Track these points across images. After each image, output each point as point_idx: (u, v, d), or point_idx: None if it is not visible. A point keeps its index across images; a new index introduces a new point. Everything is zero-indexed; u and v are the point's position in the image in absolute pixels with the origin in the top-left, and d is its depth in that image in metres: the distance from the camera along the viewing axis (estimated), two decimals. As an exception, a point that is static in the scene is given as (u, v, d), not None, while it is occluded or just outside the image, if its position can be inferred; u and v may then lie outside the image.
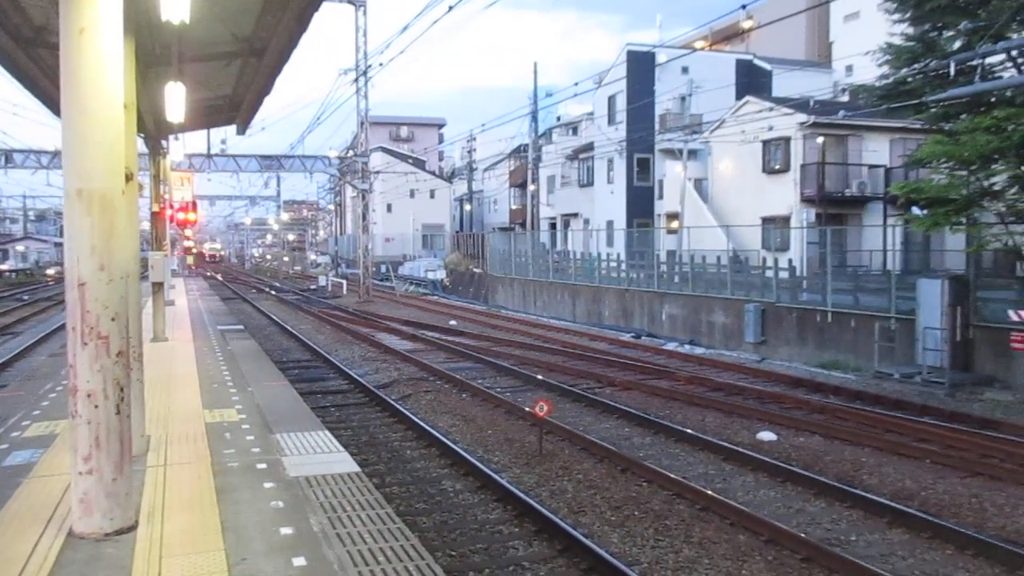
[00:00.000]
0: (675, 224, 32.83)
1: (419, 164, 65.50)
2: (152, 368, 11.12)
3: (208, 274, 61.36)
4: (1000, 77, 15.78)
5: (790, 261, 22.81)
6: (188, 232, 45.82)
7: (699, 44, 39.56)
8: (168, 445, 6.90)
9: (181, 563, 4.30)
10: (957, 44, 16.50)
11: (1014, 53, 15.57)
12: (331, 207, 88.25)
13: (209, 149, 38.07)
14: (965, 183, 16.19)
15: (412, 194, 62.41)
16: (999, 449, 10.41)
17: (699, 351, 20.87)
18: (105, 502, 4.55)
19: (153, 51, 8.69)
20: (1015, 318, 14.50)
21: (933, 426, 11.71)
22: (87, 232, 4.48)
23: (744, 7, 17.51)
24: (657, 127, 37.29)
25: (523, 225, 47.75)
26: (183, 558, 4.37)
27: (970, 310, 15.45)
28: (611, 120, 40.04)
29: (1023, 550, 7.12)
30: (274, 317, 28.09)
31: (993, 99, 15.76)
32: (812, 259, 23.61)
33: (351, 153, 43.18)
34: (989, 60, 15.59)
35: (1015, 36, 15.54)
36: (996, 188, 16.21)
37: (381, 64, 59.14)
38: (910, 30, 17.65)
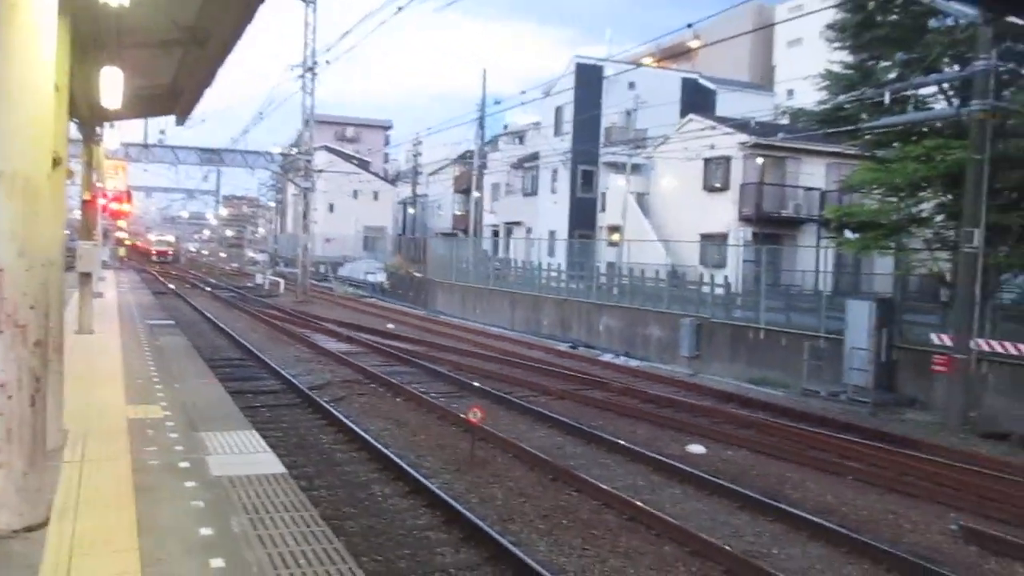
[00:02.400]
0: (616, 237, 33.20)
1: (364, 165, 64.99)
2: (75, 360, 10.76)
3: (144, 269, 59.64)
4: (932, 108, 16.37)
5: (726, 278, 23.25)
6: (121, 223, 44.67)
7: (646, 60, 40.11)
8: (87, 440, 6.68)
9: (93, 562, 4.16)
10: (892, 74, 17.07)
11: (945, 86, 16.17)
12: (272, 204, 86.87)
13: (146, 139, 37.22)
14: (895, 209, 16.73)
15: (355, 195, 61.87)
16: (916, 468, 10.74)
17: (634, 363, 21.08)
18: (15, 497, 4.38)
19: (90, 34, 8.44)
20: (937, 341, 15.00)
21: (856, 443, 12.02)
22: (7, 216, 4.32)
23: (691, 26, 17.90)
24: (602, 140, 37.70)
25: (466, 231, 47.71)
26: (95, 557, 4.23)
27: (895, 332, 15.94)
28: (557, 131, 40.32)
29: (935, 566, 7.35)
30: (207, 314, 27.47)
31: (924, 129, 16.32)
32: (747, 277, 24.11)
33: (295, 150, 42.62)
34: (922, 92, 16.17)
35: (947, 70, 16.14)
36: (923, 215, 16.78)
37: (328, 61, 58.38)
38: (849, 58, 18.19)
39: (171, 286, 41.71)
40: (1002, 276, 15.80)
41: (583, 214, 38.73)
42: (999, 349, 13.97)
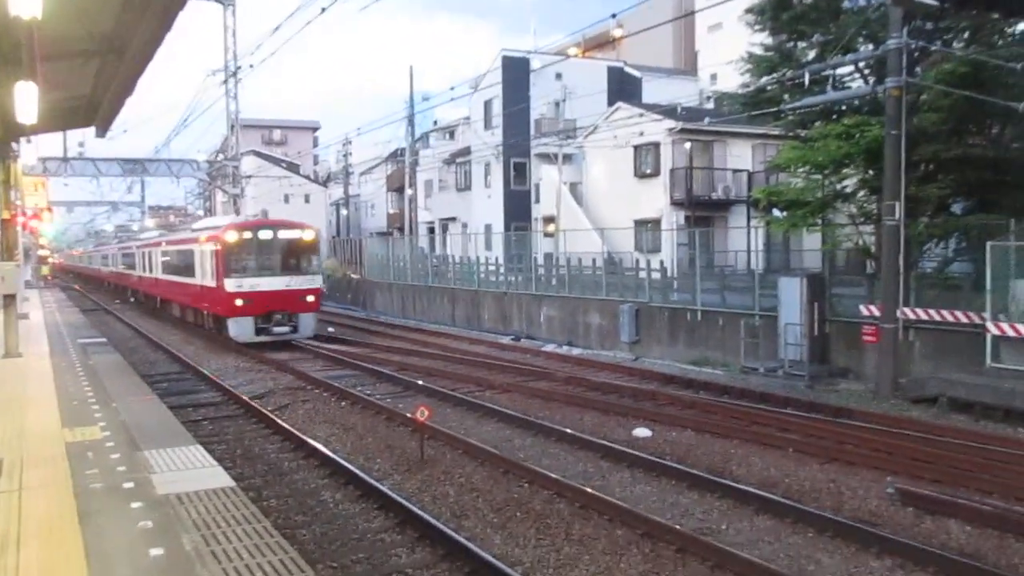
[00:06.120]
0: (551, 227, 33.38)
1: (293, 168, 63.92)
2: (4, 387, 10.44)
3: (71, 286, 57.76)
4: (849, 87, 16.85)
5: (661, 262, 23.58)
6: (43, 240, 43.26)
7: (572, 51, 40.37)
8: (23, 469, 6.48)
9: (40, 593, 4.06)
10: (811, 55, 17.53)
11: (861, 65, 16.67)
12: (200, 213, 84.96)
13: (66, 152, 35.90)
14: (819, 186, 17.20)
15: (286, 199, 60.75)
16: (852, 436, 11.12)
17: (576, 352, 21.29)
18: (-48, 532, 4.24)
19: (1, 48, 8.18)
20: (865, 313, 15.49)
21: (794, 417, 12.38)
22: (-73, 243, 4.17)
23: (614, 16, 18.09)
24: (533, 132, 37.82)
25: (401, 230, 47.41)
26: (42, 587, 4.13)
27: (826, 306, 16.40)
28: (487, 124, 40.33)
29: (875, 529, 7.63)
30: (140, 329, 26.81)
31: (844, 108, 16.82)
32: (682, 260, 24.51)
33: (221, 157, 41.73)
34: (840, 71, 16.63)
35: (862, 49, 16.64)
36: (847, 191, 17.29)
37: (251, 65, 57.41)
38: (769, 40, 18.62)
39: (99, 302, 40.55)
40: (923, 246, 16.40)
41: (518, 206, 38.84)
42: (924, 316, 14.50)
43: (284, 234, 22.23)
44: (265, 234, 21.92)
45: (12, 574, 4.30)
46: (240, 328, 20.84)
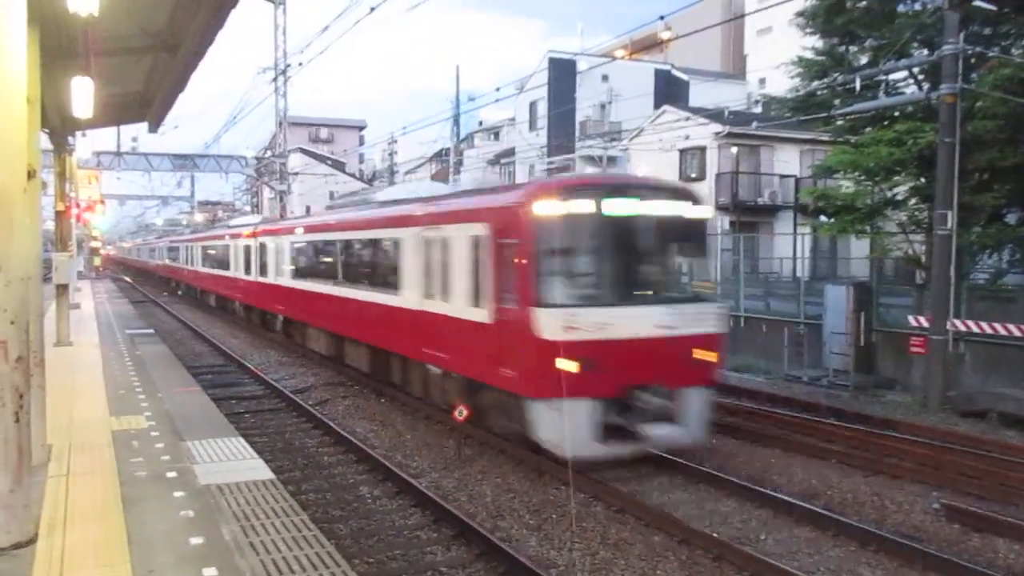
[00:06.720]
0: (594, 230, 33.17)
1: (339, 166, 64.61)
2: (55, 374, 10.68)
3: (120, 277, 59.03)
4: (902, 93, 16.51)
5: (705, 267, 23.31)
6: (96, 232, 44.27)
7: (619, 53, 40.21)
8: (71, 454, 6.63)
9: (84, 577, 4.15)
10: (863, 60, 17.20)
11: (915, 70, 16.33)
12: (248, 209, 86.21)
13: (119, 147, 36.77)
14: (869, 192, 16.88)
15: (332, 196, 61.52)
16: (898, 448, 10.87)
17: (617, 355, 21.10)
18: (1, 515, 4.35)
19: (59, 44, 8.37)
20: (914, 323, 15.16)
21: (838, 427, 12.14)
22: (-16, 231, 4.28)
23: (662, 18, 17.88)
24: (578, 134, 37.73)
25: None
26: (85, 572, 4.21)
27: (873, 315, 16.09)
28: (532, 126, 40.34)
29: (920, 544, 7.45)
30: (186, 320, 27.29)
31: (896, 113, 16.47)
32: (726, 266, 24.24)
33: (269, 153, 42.38)
34: (892, 76, 16.30)
35: (916, 54, 16.28)
36: (898, 198, 16.94)
37: (300, 64, 58.08)
38: (820, 44, 18.33)
39: (148, 294, 41.38)
40: (976, 256, 16.01)
41: (561, 208, 38.70)
42: (975, 329, 14.14)
43: (655, 207, 9.75)
44: (620, 206, 9.46)
45: (58, 556, 4.40)
46: (568, 425, 8.69)
